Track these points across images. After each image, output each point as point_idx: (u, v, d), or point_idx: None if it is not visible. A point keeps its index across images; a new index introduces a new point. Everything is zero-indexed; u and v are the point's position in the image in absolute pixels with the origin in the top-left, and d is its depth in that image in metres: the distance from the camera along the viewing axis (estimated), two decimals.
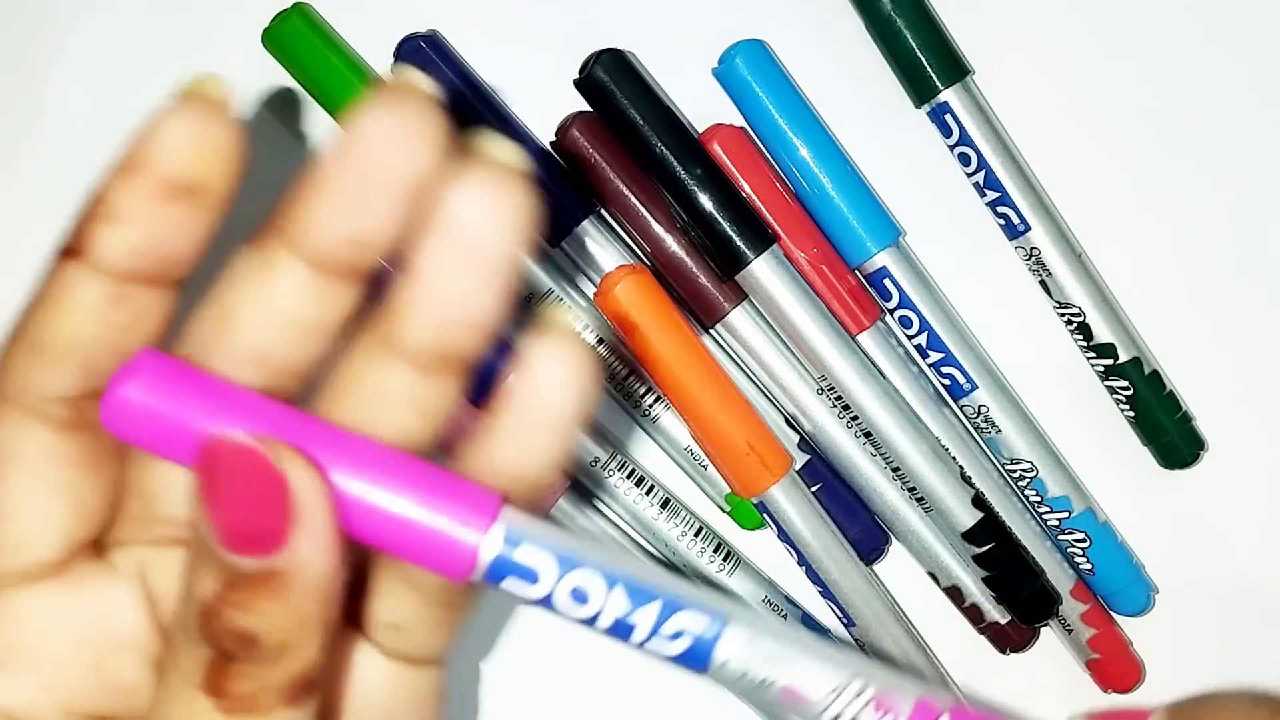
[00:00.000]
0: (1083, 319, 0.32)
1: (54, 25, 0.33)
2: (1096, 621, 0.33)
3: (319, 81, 0.30)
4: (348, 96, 0.30)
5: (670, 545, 0.32)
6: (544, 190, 0.30)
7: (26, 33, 0.33)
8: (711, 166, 0.30)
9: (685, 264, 0.31)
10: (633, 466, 0.32)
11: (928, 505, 0.32)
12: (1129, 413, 0.33)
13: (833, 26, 0.32)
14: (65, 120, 0.33)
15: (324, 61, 0.30)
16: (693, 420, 0.31)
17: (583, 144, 0.30)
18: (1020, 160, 0.31)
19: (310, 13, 0.31)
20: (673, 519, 0.32)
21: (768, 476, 0.31)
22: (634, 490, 0.32)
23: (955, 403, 0.32)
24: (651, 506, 0.32)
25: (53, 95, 0.33)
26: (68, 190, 0.33)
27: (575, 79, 0.30)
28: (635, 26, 0.32)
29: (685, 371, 0.30)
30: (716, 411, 0.30)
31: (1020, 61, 0.33)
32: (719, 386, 0.30)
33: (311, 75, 0.30)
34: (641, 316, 0.30)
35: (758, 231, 0.30)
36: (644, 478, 0.32)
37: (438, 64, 0.30)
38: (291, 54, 0.30)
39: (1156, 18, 0.33)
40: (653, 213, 0.31)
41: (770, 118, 0.31)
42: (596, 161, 0.30)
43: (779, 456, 0.31)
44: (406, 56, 0.30)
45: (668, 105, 0.30)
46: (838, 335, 0.31)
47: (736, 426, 0.30)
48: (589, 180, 0.31)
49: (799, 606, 0.33)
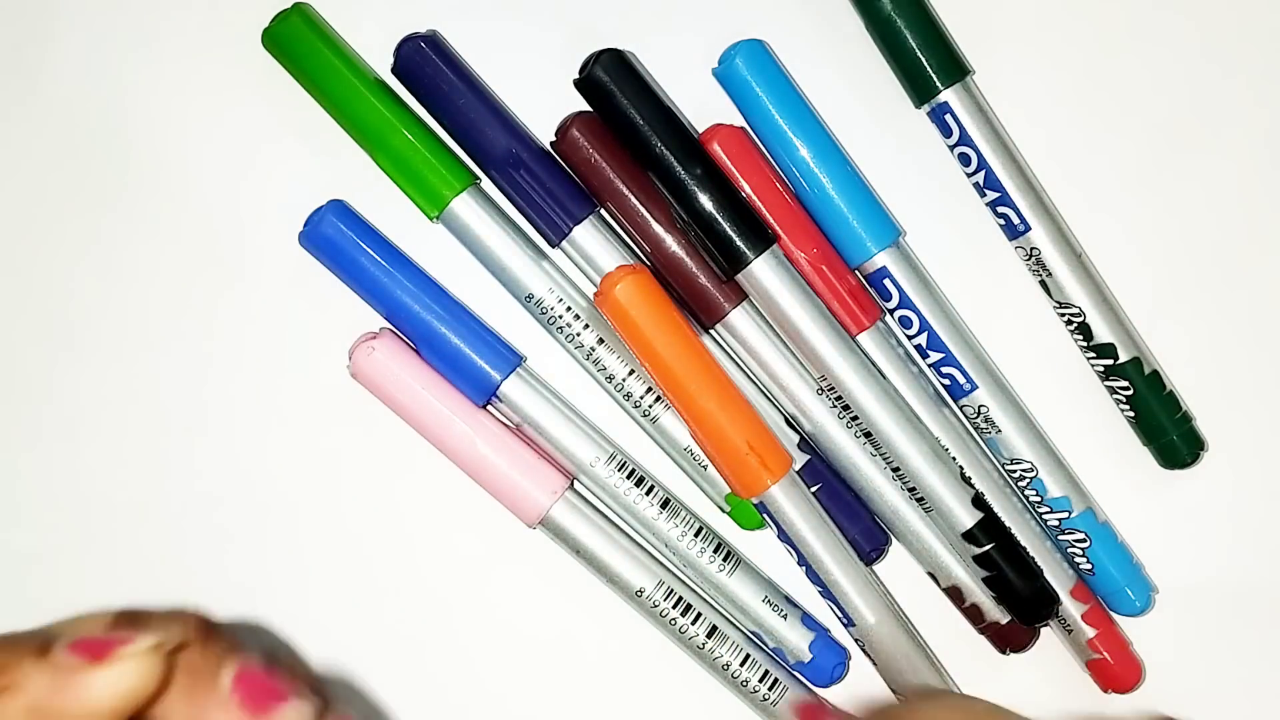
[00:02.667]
0: (1083, 319, 0.32)
1: (54, 25, 0.33)
2: (1097, 621, 0.33)
3: (319, 82, 0.30)
4: (347, 97, 0.30)
5: (670, 545, 0.32)
6: (543, 190, 0.30)
7: (26, 33, 0.33)
8: (711, 166, 0.30)
9: (685, 264, 0.31)
10: (633, 467, 0.32)
11: (928, 505, 0.32)
12: (1129, 413, 0.32)
13: (833, 26, 0.32)
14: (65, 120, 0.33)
15: (324, 62, 0.30)
16: (692, 420, 0.31)
17: (582, 144, 0.30)
18: (1020, 160, 0.31)
19: (310, 12, 0.31)
20: (673, 519, 0.32)
21: (767, 477, 0.31)
22: (634, 490, 0.32)
23: (955, 403, 0.32)
24: (652, 507, 0.32)
25: (52, 95, 0.33)
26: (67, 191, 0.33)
27: (575, 79, 0.30)
28: (635, 26, 0.32)
29: (685, 371, 0.30)
30: (716, 412, 0.30)
31: (1020, 61, 0.33)
32: (718, 387, 0.30)
33: (311, 75, 0.30)
34: (641, 316, 0.30)
35: (758, 231, 0.30)
36: (644, 478, 0.32)
37: (437, 64, 0.30)
38: (291, 54, 0.30)
39: (1156, 18, 0.33)
40: (652, 213, 0.30)
41: (770, 118, 0.31)
42: (596, 161, 0.30)
43: (779, 457, 0.31)
44: (406, 56, 0.30)
45: (667, 105, 0.30)
46: (837, 335, 0.31)
47: (736, 427, 0.30)
48: (588, 180, 0.31)
49: (799, 606, 0.33)
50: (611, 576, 0.32)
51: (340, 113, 0.31)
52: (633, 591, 0.32)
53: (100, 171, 0.33)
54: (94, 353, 0.33)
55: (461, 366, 0.31)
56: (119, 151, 0.33)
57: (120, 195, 0.33)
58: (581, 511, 0.32)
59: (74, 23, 0.33)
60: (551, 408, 0.32)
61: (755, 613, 0.32)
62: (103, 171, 0.33)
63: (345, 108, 0.30)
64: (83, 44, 0.33)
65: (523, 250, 0.31)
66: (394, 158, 0.30)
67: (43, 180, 0.33)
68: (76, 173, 0.33)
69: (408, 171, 0.31)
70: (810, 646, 0.32)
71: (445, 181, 0.30)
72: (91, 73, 0.33)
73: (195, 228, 0.33)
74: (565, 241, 0.31)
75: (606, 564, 0.32)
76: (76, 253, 0.33)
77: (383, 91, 0.31)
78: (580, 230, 0.31)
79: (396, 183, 0.31)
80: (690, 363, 0.30)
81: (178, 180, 0.33)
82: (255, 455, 0.33)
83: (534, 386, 0.32)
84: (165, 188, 0.33)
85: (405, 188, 0.31)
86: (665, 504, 0.32)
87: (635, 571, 0.32)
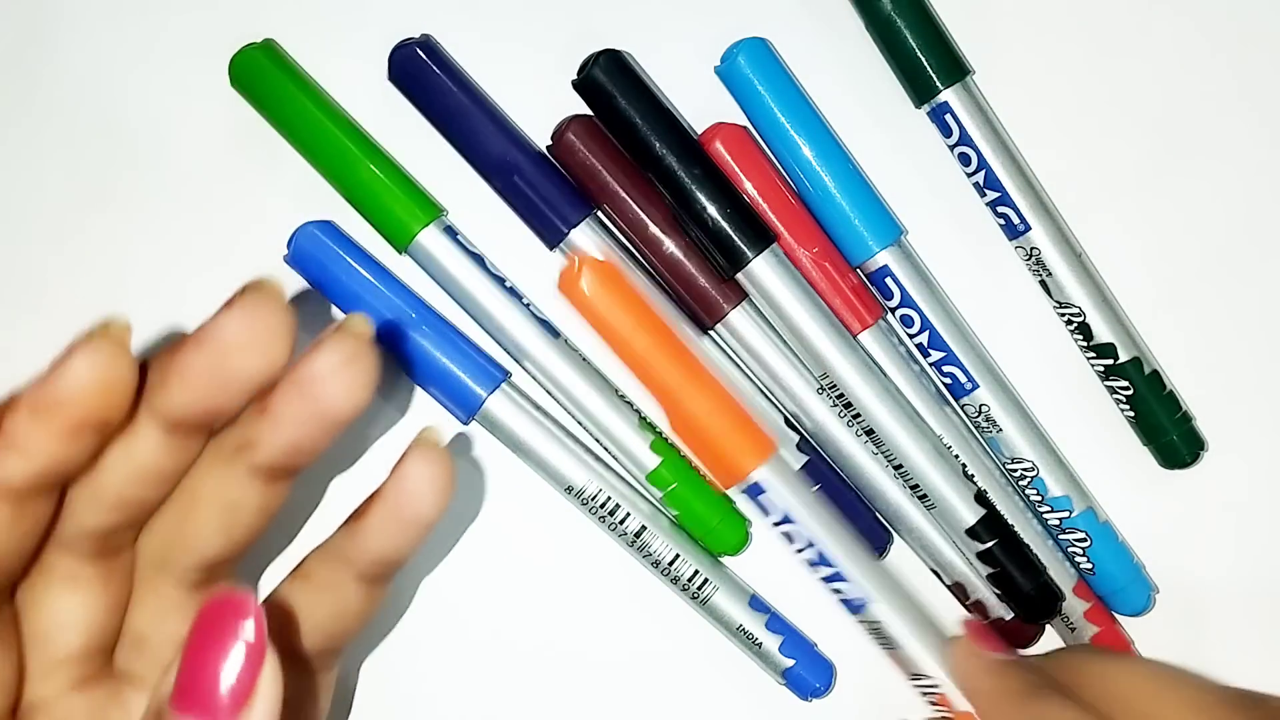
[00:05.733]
0: (1083, 319, 0.32)
1: (54, 25, 0.33)
2: (1099, 620, 0.33)
3: (283, 117, 0.31)
4: (312, 130, 0.30)
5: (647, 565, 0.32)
6: (539, 194, 0.30)
7: (26, 32, 0.33)
8: (710, 166, 0.30)
9: (684, 265, 0.31)
10: (609, 495, 0.31)
11: (930, 503, 0.32)
12: (1129, 413, 0.33)
13: (833, 26, 0.32)
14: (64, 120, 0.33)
15: (288, 97, 0.30)
16: (668, 409, 0.30)
17: (578, 148, 0.30)
18: (1020, 160, 0.32)
19: (275, 48, 0.31)
20: (646, 548, 0.32)
21: (751, 459, 0.30)
22: (610, 518, 0.31)
23: (956, 402, 0.32)
24: (624, 535, 0.32)
25: (52, 95, 0.33)
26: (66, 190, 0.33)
27: (574, 80, 0.30)
28: (637, 25, 0.32)
29: (655, 360, 0.30)
30: (691, 399, 0.30)
31: (1020, 61, 0.33)
32: (691, 372, 0.30)
33: (275, 110, 0.31)
34: (606, 307, 0.29)
35: (758, 230, 0.30)
36: (619, 506, 0.32)
37: (431, 68, 0.30)
38: (254, 92, 0.31)
39: (1156, 17, 0.33)
40: (650, 214, 0.30)
41: (773, 116, 0.31)
42: (592, 164, 0.30)
43: (760, 439, 0.31)
44: (400, 63, 0.30)
45: (666, 106, 0.30)
46: (838, 334, 0.31)
47: (713, 412, 0.30)
48: (585, 183, 0.31)
49: (781, 631, 0.32)
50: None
51: (304, 151, 0.31)
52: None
53: (100, 172, 0.33)
54: None
55: (448, 384, 0.31)
56: (119, 152, 0.32)
57: (119, 195, 0.33)
58: (520, 405, 0.31)
59: (74, 23, 0.33)
60: (536, 425, 0.31)
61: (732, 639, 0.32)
62: (103, 172, 0.32)
63: (305, 149, 0.31)
64: (83, 44, 0.32)
65: (489, 283, 0.31)
66: (358, 194, 0.31)
67: (42, 180, 0.33)
68: (76, 173, 0.33)
69: (372, 207, 0.31)
70: (784, 673, 0.32)
71: (412, 214, 0.31)
72: (91, 73, 0.32)
73: (194, 227, 0.33)
74: (563, 244, 0.31)
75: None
76: (76, 253, 0.33)
77: (341, 129, 0.31)
78: (577, 233, 0.31)
79: (365, 217, 0.31)
80: (659, 350, 0.30)
81: (176, 180, 0.33)
82: None
83: (518, 404, 0.31)
84: (163, 188, 0.33)
85: (372, 221, 0.31)
86: (639, 533, 0.32)
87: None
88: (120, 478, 0.22)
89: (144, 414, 0.22)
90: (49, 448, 0.20)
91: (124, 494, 0.22)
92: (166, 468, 0.23)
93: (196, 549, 0.24)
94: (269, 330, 0.21)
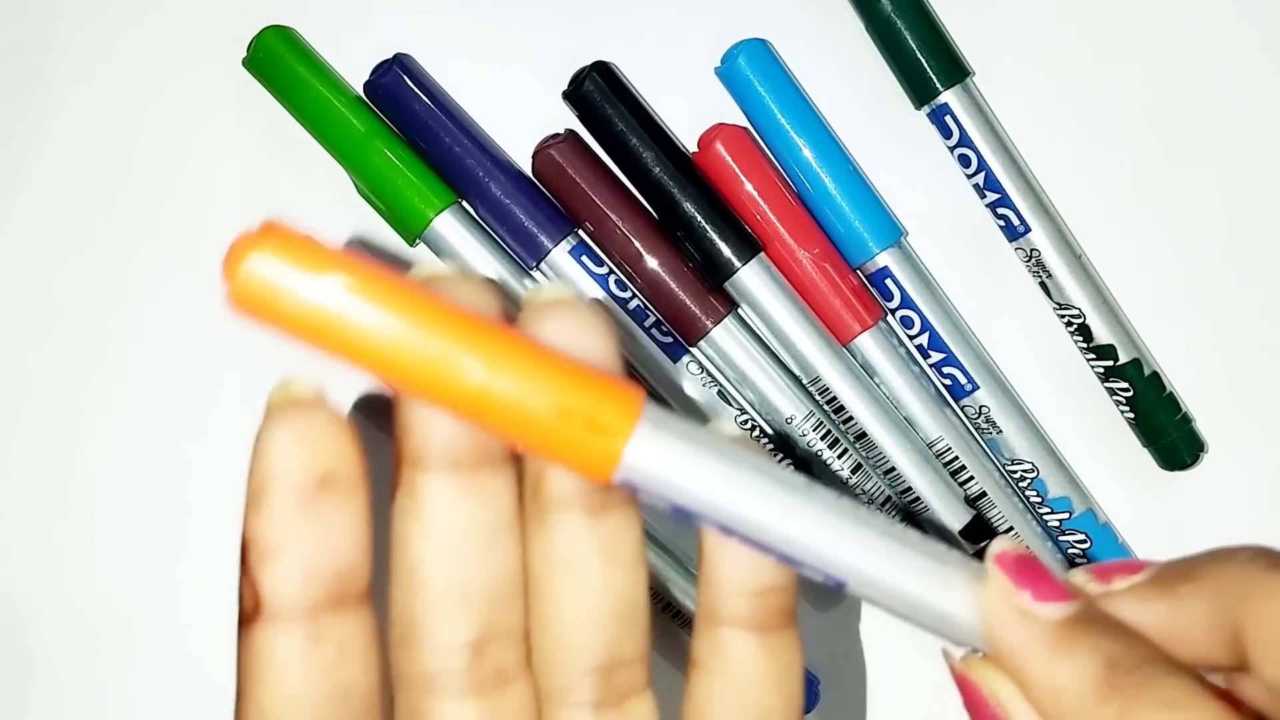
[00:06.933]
0: (1083, 320, 0.32)
1: (54, 25, 0.33)
2: None
3: (297, 106, 0.31)
4: (322, 123, 0.30)
5: None
6: (519, 211, 0.30)
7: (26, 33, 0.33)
8: (699, 177, 0.30)
9: (667, 283, 0.31)
10: None
11: (922, 506, 0.32)
12: (1129, 414, 0.33)
13: (833, 28, 0.32)
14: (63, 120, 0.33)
15: (300, 87, 0.30)
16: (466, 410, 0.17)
17: (559, 165, 0.30)
18: (1020, 162, 0.32)
19: (292, 34, 0.31)
20: None
21: (612, 438, 0.17)
22: None
23: (956, 403, 0.32)
24: None
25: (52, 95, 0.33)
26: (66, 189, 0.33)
27: (564, 92, 0.30)
28: (637, 26, 0.32)
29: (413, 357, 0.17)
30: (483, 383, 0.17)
31: (1020, 62, 0.33)
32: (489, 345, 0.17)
33: (289, 100, 0.31)
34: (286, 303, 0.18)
35: (745, 239, 0.30)
36: None
37: (410, 88, 0.30)
38: (270, 78, 0.31)
39: (1155, 19, 0.33)
40: (631, 231, 0.30)
41: (773, 117, 0.31)
42: (575, 182, 0.30)
43: (617, 402, 0.17)
44: (380, 86, 0.30)
45: (656, 119, 0.30)
46: (825, 341, 0.31)
47: (534, 392, 0.17)
48: (566, 201, 0.31)
49: None
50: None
51: (320, 137, 0.31)
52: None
53: (101, 171, 0.33)
54: (93, 353, 0.33)
55: None
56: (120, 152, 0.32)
57: (120, 196, 0.33)
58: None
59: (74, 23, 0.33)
60: None
61: None
62: (103, 172, 0.32)
63: (322, 134, 0.31)
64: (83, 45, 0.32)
65: (502, 268, 0.31)
66: (372, 182, 0.31)
67: (42, 180, 0.33)
68: (76, 172, 0.33)
69: (385, 195, 0.31)
70: None
71: (426, 201, 0.30)
72: (90, 74, 0.32)
73: (195, 227, 0.33)
74: (543, 263, 0.31)
75: None
76: (77, 252, 0.33)
77: (358, 114, 0.30)
78: (558, 252, 0.31)
79: (375, 208, 0.31)
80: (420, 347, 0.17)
81: (178, 181, 0.33)
82: None
83: None
84: (166, 188, 0.33)
85: (384, 212, 0.31)
86: None
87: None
88: (444, 561, 0.17)
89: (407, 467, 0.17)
90: (294, 531, 0.16)
91: (456, 577, 0.17)
92: (487, 529, 0.17)
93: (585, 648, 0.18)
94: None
